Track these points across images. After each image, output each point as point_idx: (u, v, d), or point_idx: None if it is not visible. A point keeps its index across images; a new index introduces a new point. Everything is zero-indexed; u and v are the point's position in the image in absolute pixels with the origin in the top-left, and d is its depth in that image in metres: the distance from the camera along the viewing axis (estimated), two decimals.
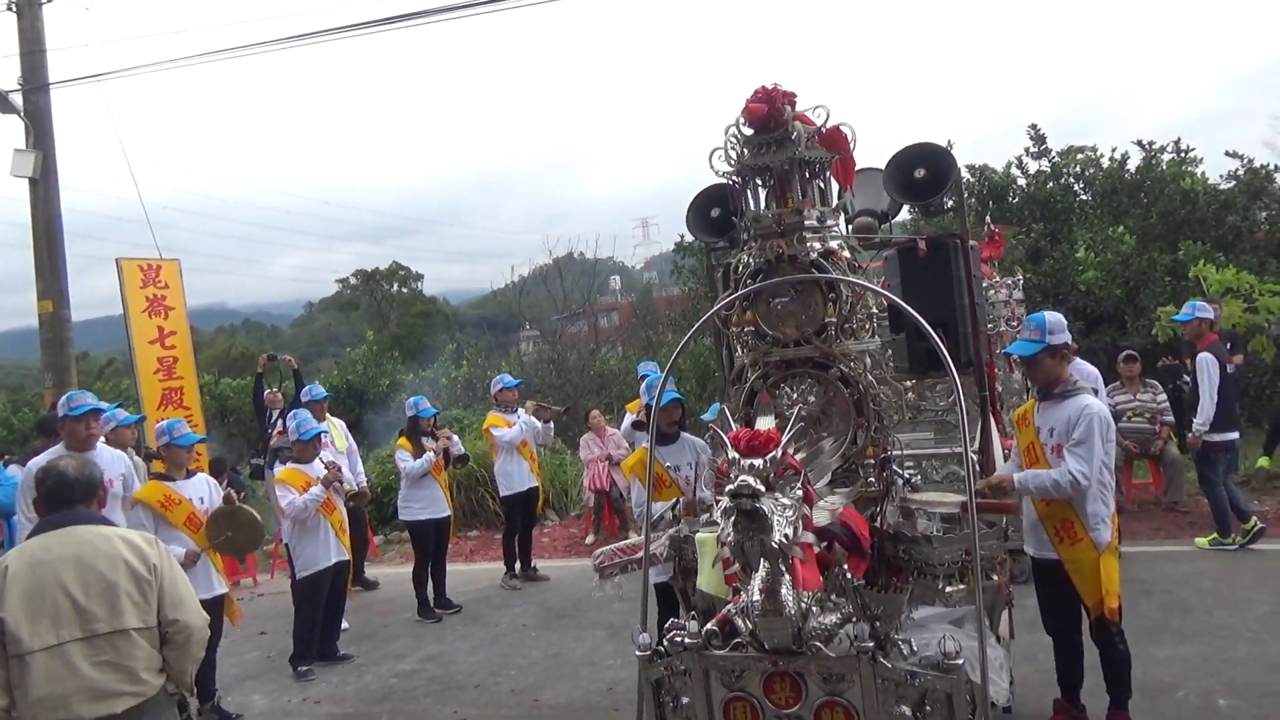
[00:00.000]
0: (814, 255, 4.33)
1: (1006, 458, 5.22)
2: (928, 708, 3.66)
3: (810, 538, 3.59)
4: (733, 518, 3.45)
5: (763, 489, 3.40)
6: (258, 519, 5.73)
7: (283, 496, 6.53)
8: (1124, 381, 9.67)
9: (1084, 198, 15.87)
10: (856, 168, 5.30)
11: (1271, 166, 14.29)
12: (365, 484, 9.11)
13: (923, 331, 4.94)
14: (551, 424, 8.99)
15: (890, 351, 5.66)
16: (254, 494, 11.95)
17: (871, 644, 3.64)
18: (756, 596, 3.65)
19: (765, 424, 3.88)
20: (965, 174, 16.97)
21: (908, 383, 6.91)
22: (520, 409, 8.69)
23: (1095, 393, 7.58)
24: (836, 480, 4.36)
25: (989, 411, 5.05)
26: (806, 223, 4.37)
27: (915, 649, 3.71)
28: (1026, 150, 16.70)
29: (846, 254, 4.51)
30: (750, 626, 3.77)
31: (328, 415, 8.89)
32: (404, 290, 65.60)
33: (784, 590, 3.60)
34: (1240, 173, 14.50)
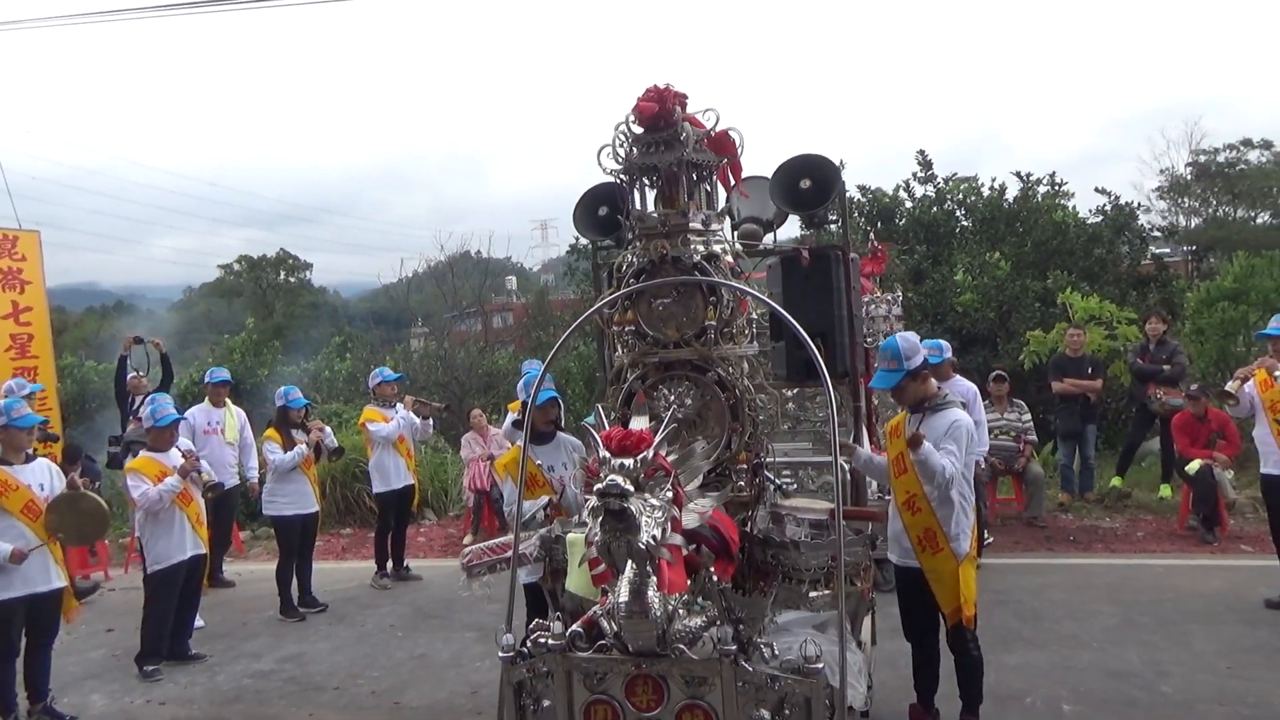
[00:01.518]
0: (697, 258, 4.33)
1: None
2: (786, 711, 3.67)
3: (679, 540, 3.56)
4: (600, 517, 3.40)
5: (631, 489, 3.36)
6: (103, 506, 5.40)
7: (135, 487, 6.17)
8: (992, 400, 10.03)
9: (965, 224, 16.49)
10: (744, 175, 5.38)
11: (1135, 204, 15.17)
12: (254, 480, 8.70)
13: (801, 340, 5.03)
14: (431, 421, 8.78)
15: (769, 359, 5.75)
16: (110, 485, 11.31)
17: (734, 647, 3.63)
18: (623, 598, 3.61)
19: (640, 424, 3.84)
20: (855, 193, 17.46)
21: (788, 392, 7.04)
22: (399, 404, 8.47)
23: (965, 406, 7.89)
24: (708, 484, 4.36)
25: (862, 422, 5.15)
26: (691, 225, 4.37)
27: (777, 653, 3.72)
28: (914, 175, 17.31)
29: (730, 259, 4.53)
30: (615, 628, 3.73)
31: (228, 403, 8.50)
32: (291, 280, 63.53)
33: (650, 592, 3.57)
34: (1107, 208, 15.33)
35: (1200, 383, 9.13)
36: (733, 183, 4.65)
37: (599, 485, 3.37)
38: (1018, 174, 16.10)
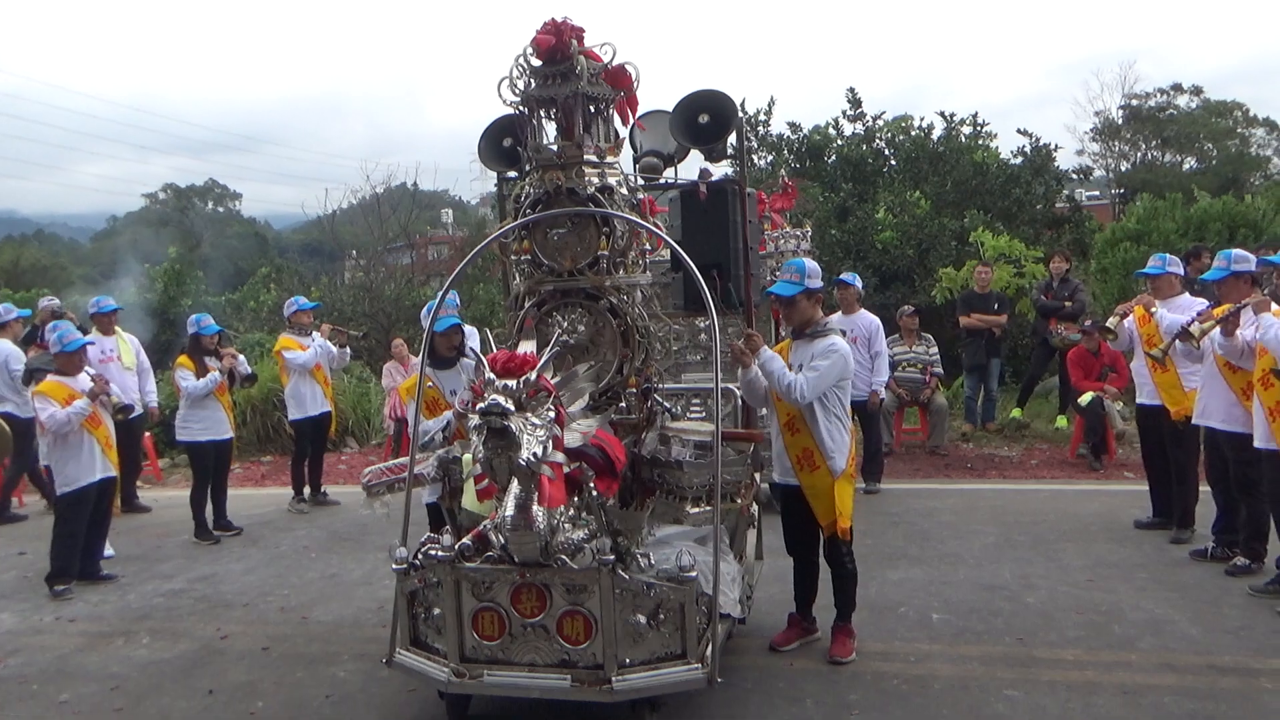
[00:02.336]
0: (592, 190, 4.45)
1: None
2: (661, 616, 3.93)
3: (560, 457, 3.75)
4: (483, 435, 3.57)
5: (513, 408, 3.53)
6: (4, 428, 5.41)
7: (42, 410, 6.17)
8: (902, 334, 10.38)
9: (892, 163, 16.74)
10: (650, 110, 5.48)
11: (1053, 146, 15.53)
12: (155, 404, 8.71)
13: (700, 272, 5.21)
14: (348, 350, 8.82)
15: (670, 290, 5.93)
16: None
17: (613, 558, 3.86)
18: (509, 512, 3.81)
19: (526, 348, 4.00)
20: (786, 130, 17.63)
21: (701, 323, 7.25)
22: (315, 333, 8.49)
23: (869, 339, 8.18)
24: (600, 406, 4.55)
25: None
26: (586, 157, 4.48)
27: (653, 563, 3.96)
28: (844, 113, 17.47)
29: (625, 191, 4.66)
30: (502, 540, 3.93)
31: (117, 330, 8.41)
32: (220, 210, 61.80)
33: (534, 507, 3.77)
34: (1027, 150, 15.68)
35: (1096, 319, 9.53)
36: (630, 117, 4.77)
37: (481, 404, 3.53)
38: (942, 114, 16.37)
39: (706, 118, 5.19)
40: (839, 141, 17.18)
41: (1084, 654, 4.76)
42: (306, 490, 8.66)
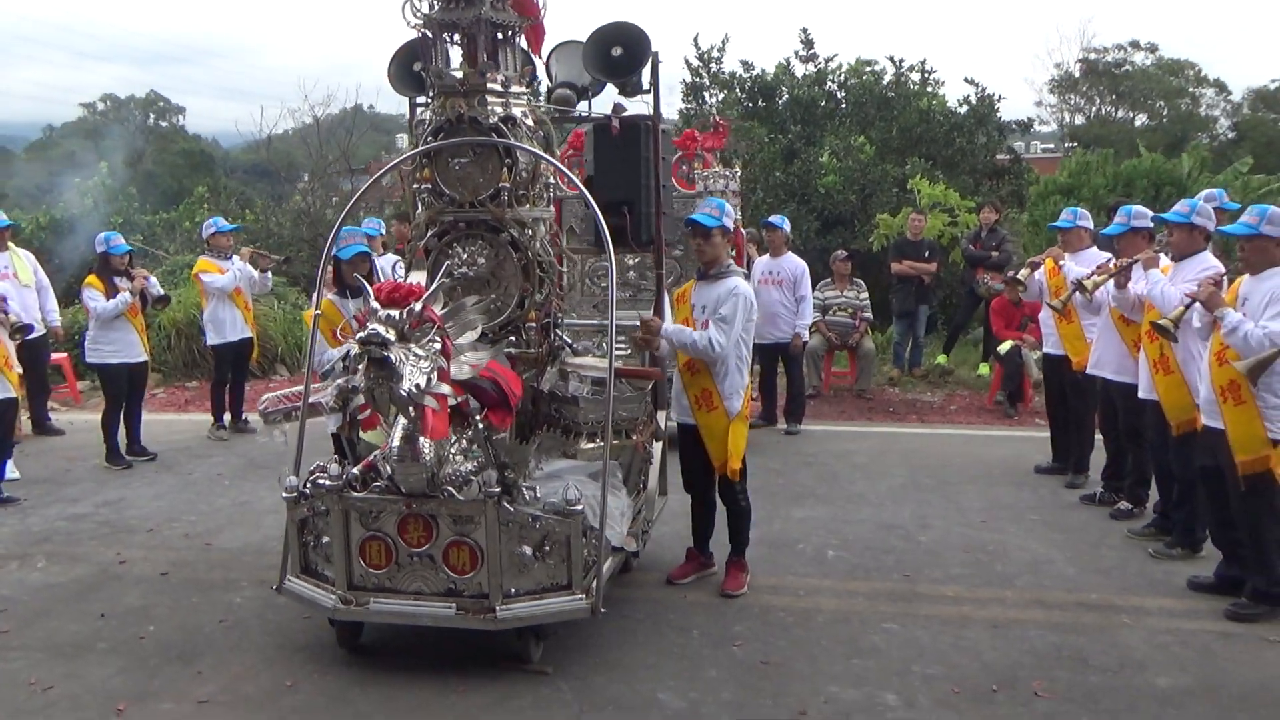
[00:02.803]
0: (494, 120, 4.38)
1: None
2: (547, 548, 3.99)
3: (446, 389, 3.75)
4: (363, 364, 3.55)
5: (393, 338, 3.51)
6: None
7: None
8: (835, 278, 10.47)
9: (843, 107, 16.69)
10: (558, 40, 5.38)
11: (996, 96, 15.59)
12: (57, 324, 8.52)
13: (609, 208, 5.19)
14: (269, 274, 8.67)
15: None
16: None
17: (499, 489, 3.90)
18: (395, 443, 3.82)
19: (416, 279, 3.97)
20: (739, 69, 17.43)
21: (630, 260, 7.26)
22: (235, 256, 8.33)
23: (795, 281, 8.24)
24: (500, 339, 4.56)
25: (663, 289, 5.37)
26: (490, 86, 4.39)
27: (539, 495, 4.01)
28: (796, 54, 17.34)
29: (530, 122, 4.60)
30: (389, 471, 3.95)
31: (11, 246, 8.16)
32: (163, 124, 59.78)
33: (422, 438, 3.78)
34: (973, 99, 15.73)
35: (1016, 270, 9.68)
36: (535, 47, 4.69)
37: (361, 334, 3.51)
38: (891, 59, 16.33)
39: (620, 50, 5.11)
40: (789, 83, 17.08)
41: (964, 590, 4.94)
42: (227, 417, 8.57)
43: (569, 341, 4.82)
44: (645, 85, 5.27)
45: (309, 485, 4.12)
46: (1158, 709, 3.78)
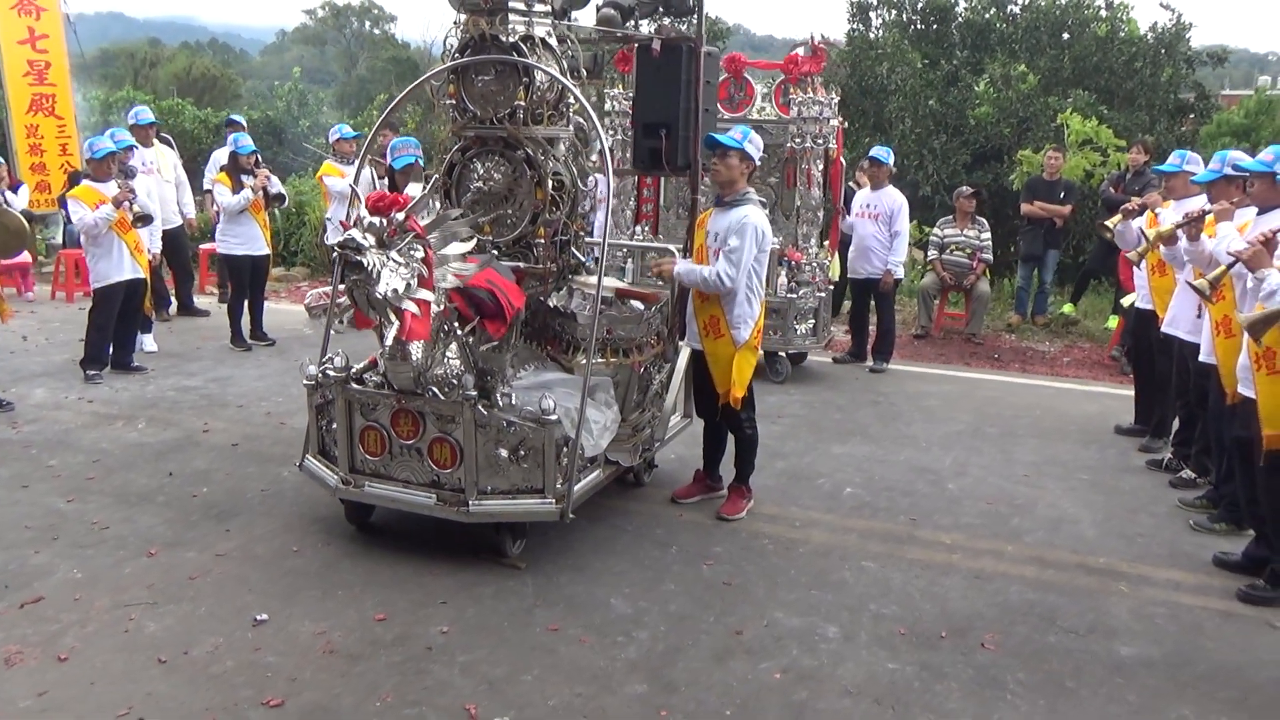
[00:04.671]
0: (515, 38, 4.51)
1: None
2: (522, 452, 4.23)
3: (427, 294, 4.00)
4: (342, 267, 3.84)
5: (368, 244, 3.77)
6: (23, 223, 6.07)
7: (74, 211, 6.82)
8: (956, 216, 10.04)
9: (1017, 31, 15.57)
10: None
11: (1188, 24, 14.12)
12: (192, 215, 9.36)
13: (648, 130, 5.26)
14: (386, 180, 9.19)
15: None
16: None
17: (475, 393, 4.15)
18: (388, 342, 4.12)
19: (413, 190, 4.21)
20: None
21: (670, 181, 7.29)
22: (355, 160, 8.86)
23: (891, 217, 8.00)
24: (513, 254, 4.77)
25: (696, 214, 5.39)
26: (511, 4, 4.52)
27: (515, 403, 4.23)
28: None
29: (554, 41, 4.70)
30: (384, 367, 4.27)
31: (156, 143, 8.99)
32: (375, 31, 62.68)
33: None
34: (1163, 27, 14.31)
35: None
36: None
37: (339, 238, 3.79)
38: None
39: None
40: (963, 4, 16.06)
41: (963, 539, 4.84)
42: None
43: (583, 259, 4.96)
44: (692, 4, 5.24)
45: (322, 374, 4.52)
46: (1104, 675, 3.65)
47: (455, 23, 4.62)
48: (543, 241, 4.72)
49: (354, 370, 4.49)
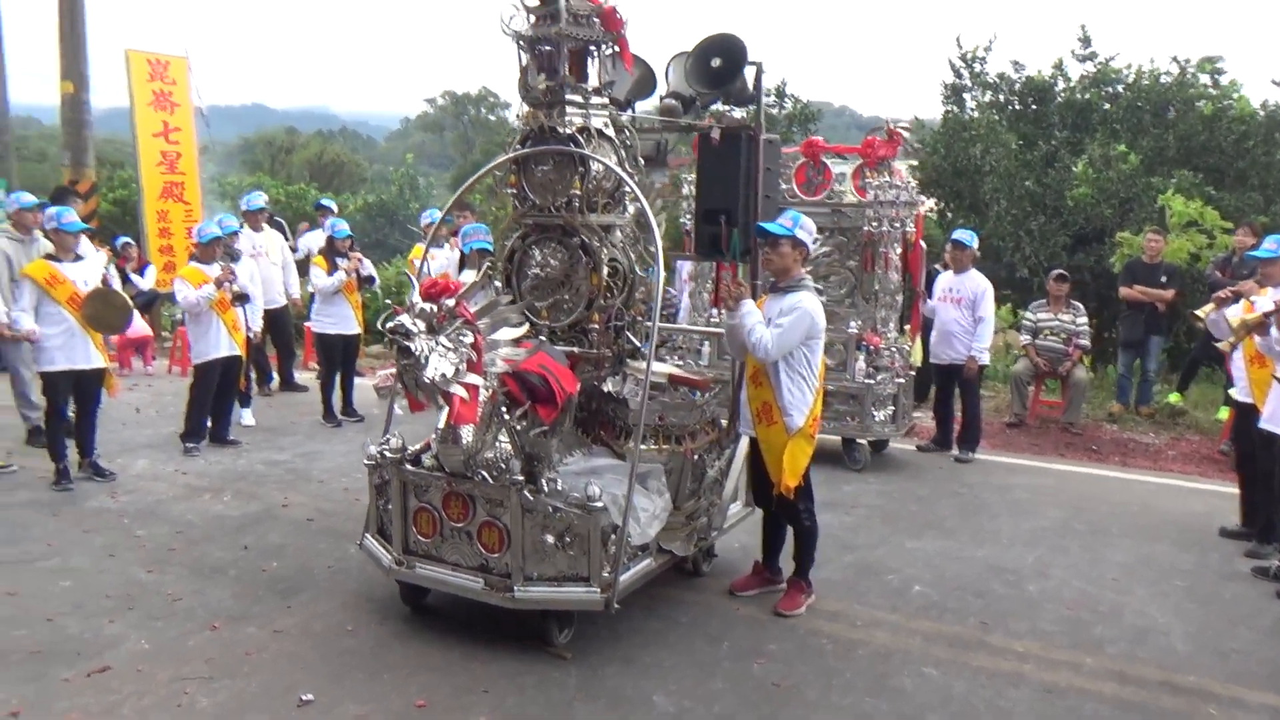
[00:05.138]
0: (570, 130, 4.64)
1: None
2: (568, 539, 4.21)
3: (476, 379, 4.07)
4: (394, 351, 3.95)
5: (417, 329, 3.87)
6: (127, 303, 6.47)
7: (179, 291, 7.24)
8: (1050, 300, 9.73)
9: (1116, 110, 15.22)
10: (677, 52, 5.52)
11: None
12: (296, 295, 9.80)
13: (710, 217, 5.31)
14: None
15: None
16: None
17: (521, 478, 4.18)
18: (440, 425, 4.20)
19: (468, 276, 4.32)
20: (1010, 71, 16.33)
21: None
22: (446, 243, 9.19)
23: (974, 301, 7.82)
24: (569, 339, 4.83)
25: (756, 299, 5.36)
26: (569, 97, 4.66)
27: (561, 488, 4.23)
28: (1072, 52, 15.99)
29: (611, 133, 4.80)
30: (435, 449, 4.35)
31: (265, 227, 9.50)
32: (490, 117, 65.56)
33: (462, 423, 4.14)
34: (1276, 104, 13.75)
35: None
36: (624, 60, 4.87)
37: (390, 323, 3.91)
38: (1174, 58, 14.65)
39: (719, 61, 5.19)
40: (1061, 84, 15.81)
41: (1038, 648, 4.56)
42: None
43: (637, 344, 4.96)
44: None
45: (380, 455, 4.62)
46: None
47: (518, 115, 4.78)
48: (597, 327, 4.76)
49: (410, 451, 4.57)
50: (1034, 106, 16.15)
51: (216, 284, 7.24)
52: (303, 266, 9.68)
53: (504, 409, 4.23)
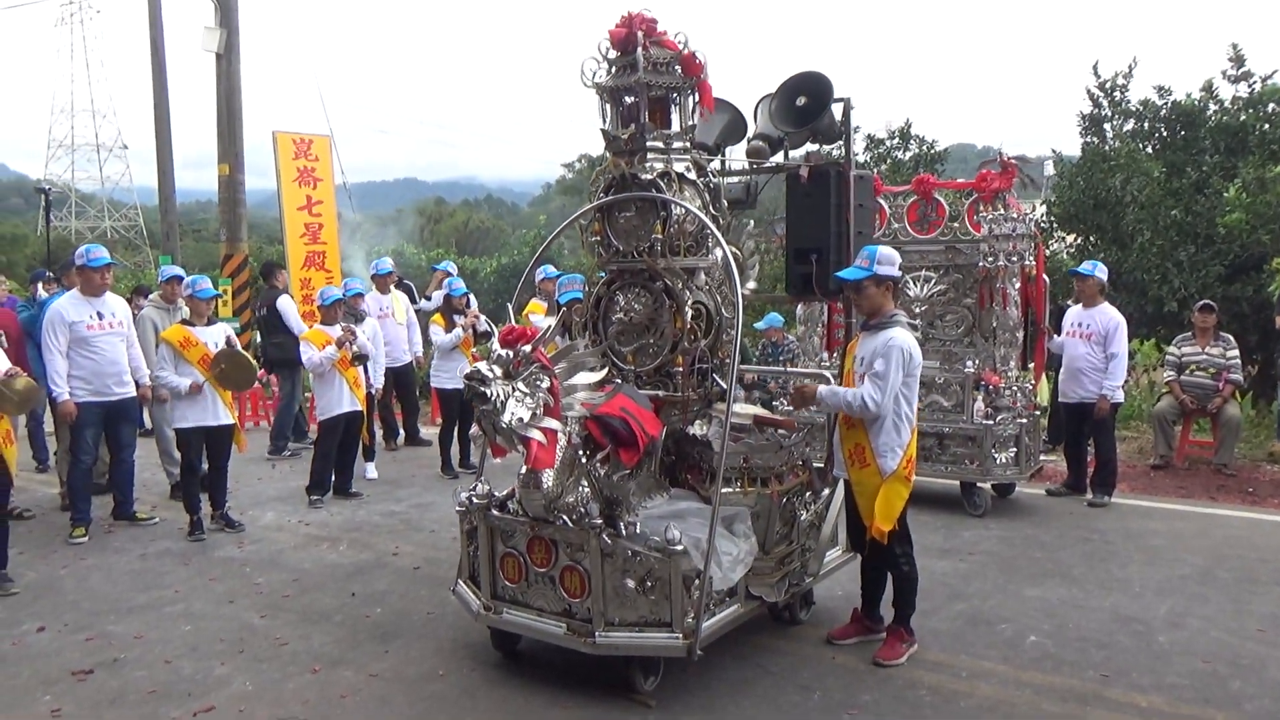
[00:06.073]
0: (651, 175, 4.69)
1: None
2: (649, 584, 4.17)
3: (554, 424, 4.10)
4: (471, 396, 4.03)
5: (493, 375, 3.95)
6: (252, 362, 6.88)
7: (304, 351, 7.64)
8: (1196, 333, 9.11)
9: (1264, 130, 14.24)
10: (764, 95, 5.53)
11: None
12: (420, 353, 10.18)
13: (801, 256, 5.27)
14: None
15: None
16: None
17: (600, 522, 4.17)
18: (523, 470, 4.25)
19: (547, 322, 4.38)
20: (1153, 96, 15.56)
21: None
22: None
23: (1105, 336, 7.42)
24: (654, 382, 4.82)
25: (851, 339, 5.22)
26: (650, 144, 4.72)
27: (640, 532, 4.20)
28: (1223, 73, 15.11)
29: (693, 176, 4.83)
30: (518, 495, 4.40)
31: (392, 289, 9.95)
32: None
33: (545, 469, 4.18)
34: None
35: None
36: (706, 103, 4.89)
37: (467, 370, 4.00)
38: None
39: (804, 99, 5.15)
40: (1213, 107, 14.92)
41: (1164, 703, 4.17)
42: None
43: (723, 386, 4.90)
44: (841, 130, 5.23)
45: (469, 501, 4.70)
46: None
47: (601, 161, 4.87)
48: (681, 370, 4.73)
49: (498, 498, 4.63)
50: (1182, 133, 15.32)
51: (337, 344, 7.60)
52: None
53: (585, 453, 4.24)
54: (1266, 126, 14.11)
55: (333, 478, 8.05)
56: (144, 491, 8.10)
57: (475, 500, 4.62)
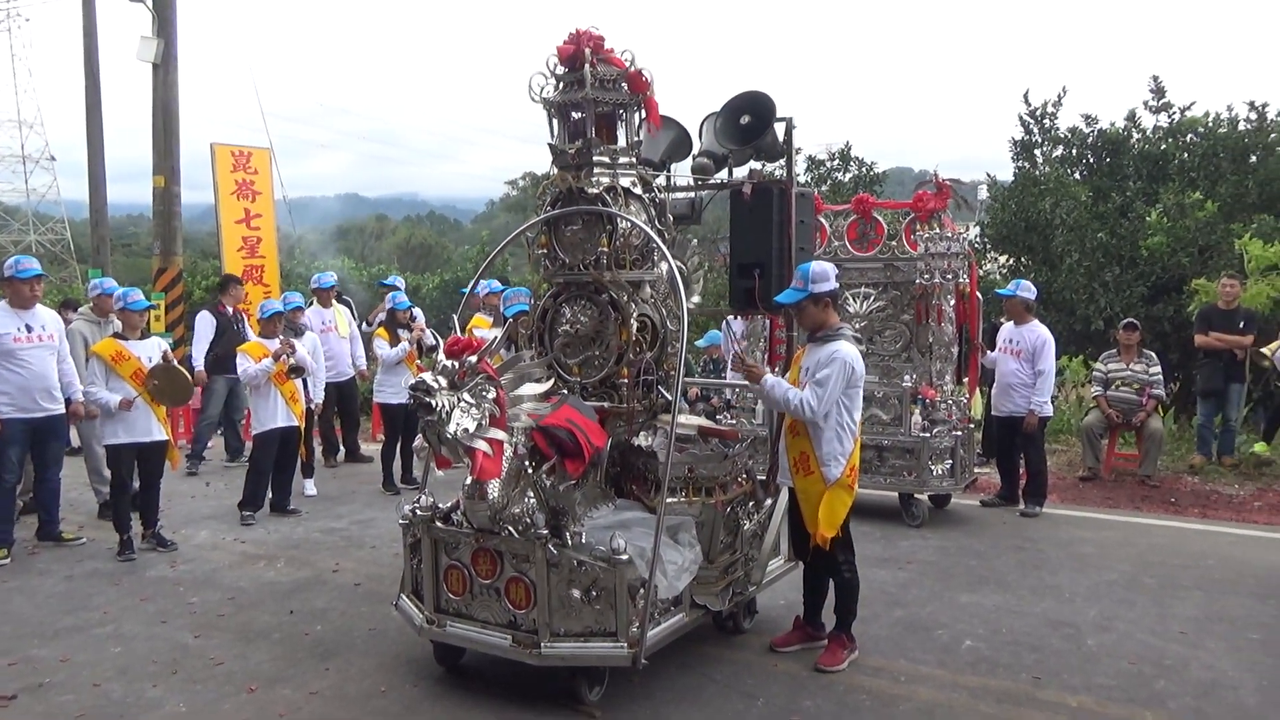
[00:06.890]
0: (598, 190, 4.73)
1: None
2: (594, 593, 4.18)
3: (499, 434, 4.11)
4: (416, 407, 4.02)
5: (438, 386, 3.94)
6: (188, 378, 6.74)
7: (239, 364, 7.51)
8: (1121, 350, 9.42)
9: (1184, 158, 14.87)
10: (709, 113, 5.62)
11: None
12: (364, 367, 10.06)
13: (744, 271, 5.34)
14: None
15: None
16: None
17: (546, 532, 4.18)
18: (468, 481, 4.24)
19: (493, 334, 4.39)
20: (1082, 125, 16.07)
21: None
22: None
23: (1034, 353, 7.64)
24: (600, 394, 4.85)
25: (791, 351, 5.33)
26: (597, 159, 4.77)
27: (586, 542, 4.21)
28: (1145, 104, 15.73)
29: (639, 191, 4.89)
30: (463, 506, 4.38)
31: (334, 303, 9.83)
32: None
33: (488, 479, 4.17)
34: None
35: None
36: (653, 120, 4.96)
37: (412, 381, 3.99)
38: (1252, 104, 14.28)
39: (748, 118, 5.26)
40: (1136, 136, 15.52)
41: (1092, 702, 4.30)
42: None
43: (669, 398, 4.95)
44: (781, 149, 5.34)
45: (412, 513, 4.67)
46: None
47: (546, 177, 4.90)
48: (626, 381, 4.77)
49: (441, 510, 4.61)
50: (1108, 159, 15.91)
51: (274, 356, 7.48)
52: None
53: (530, 463, 4.25)
54: (1185, 155, 14.76)
55: (269, 495, 7.90)
56: (70, 511, 7.87)
57: (419, 512, 4.59)
